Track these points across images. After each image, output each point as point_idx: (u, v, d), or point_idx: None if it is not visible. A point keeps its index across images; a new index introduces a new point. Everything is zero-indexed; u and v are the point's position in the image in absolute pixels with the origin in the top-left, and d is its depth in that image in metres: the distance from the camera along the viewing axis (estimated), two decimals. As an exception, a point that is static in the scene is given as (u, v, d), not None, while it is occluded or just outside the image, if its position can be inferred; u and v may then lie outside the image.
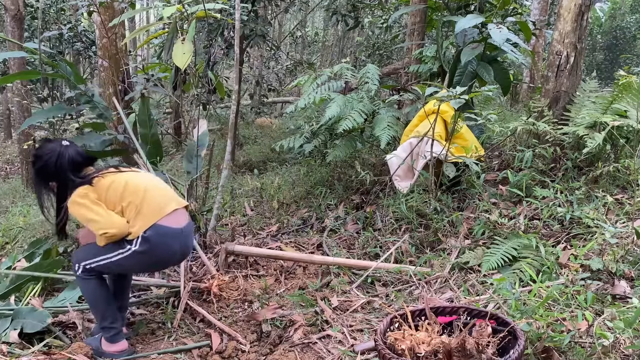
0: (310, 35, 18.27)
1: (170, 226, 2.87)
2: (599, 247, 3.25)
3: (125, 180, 2.92)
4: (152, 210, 2.85)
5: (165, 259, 2.98)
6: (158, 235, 2.83)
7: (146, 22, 15.70)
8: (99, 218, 2.79)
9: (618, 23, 21.15)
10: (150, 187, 2.95)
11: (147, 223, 2.82)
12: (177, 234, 2.91)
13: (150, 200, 2.88)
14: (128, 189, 2.88)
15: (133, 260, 2.85)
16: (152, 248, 2.83)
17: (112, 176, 2.93)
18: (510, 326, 2.21)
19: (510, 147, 4.91)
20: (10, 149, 13.82)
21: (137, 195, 2.87)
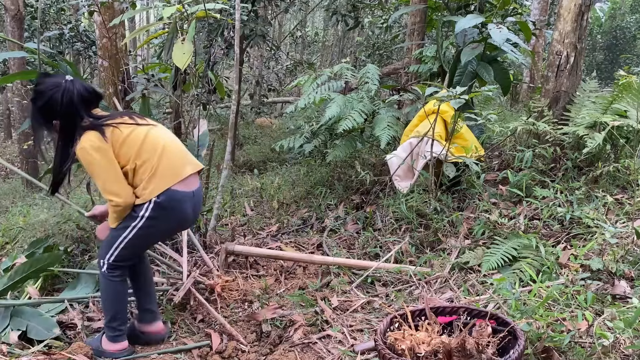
0: (310, 35, 18.27)
1: (183, 190, 2.72)
2: (599, 247, 3.25)
3: (145, 133, 2.70)
4: (167, 172, 2.68)
5: (178, 224, 2.86)
6: (171, 200, 2.68)
7: (146, 22, 15.71)
8: (113, 182, 2.61)
9: (618, 23, 21.14)
10: (168, 144, 2.75)
11: (160, 187, 2.65)
12: (189, 198, 2.76)
13: (167, 160, 2.69)
14: (146, 145, 2.67)
15: (148, 228, 2.70)
16: (164, 213, 2.69)
17: (128, 128, 2.68)
18: (510, 326, 2.21)
19: (510, 147, 4.91)
20: (10, 149, 13.82)
21: (155, 152, 2.67)
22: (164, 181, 2.66)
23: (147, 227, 2.69)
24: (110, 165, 2.60)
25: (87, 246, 4.22)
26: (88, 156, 2.58)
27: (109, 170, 2.60)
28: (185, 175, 2.73)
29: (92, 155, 2.57)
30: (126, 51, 4.74)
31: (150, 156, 2.65)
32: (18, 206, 6.97)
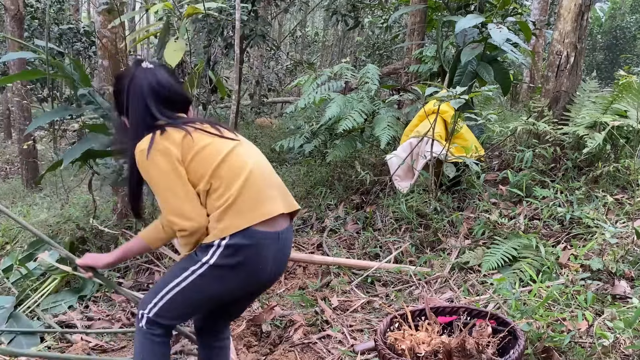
0: (310, 35, 18.27)
1: (267, 231, 2.00)
2: (599, 247, 3.25)
3: (229, 150, 2.03)
4: (251, 205, 1.97)
5: (255, 279, 2.05)
6: (250, 244, 1.96)
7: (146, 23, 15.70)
8: (183, 199, 1.95)
9: (618, 23, 21.14)
10: (256, 169, 2.05)
11: (239, 224, 1.94)
12: (273, 241, 2.03)
13: (253, 190, 2.00)
14: (228, 164, 1.99)
15: (211, 280, 1.98)
16: (237, 262, 1.96)
17: (206, 138, 2.02)
18: (510, 326, 2.21)
19: (510, 147, 4.91)
20: (10, 149, 13.81)
21: (238, 177, 1.98)
22: (245, 216, 1.96)
23: (210, 277, 1.98)
24: (179, 176, 1.96)
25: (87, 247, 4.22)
26: (149, 161, 1.96)
27: (177, 183, 1.95)
28: (274, 214, 2.02)
29: (154, 160, 1.95)
30: (126, 51, 4.73)
31: (231, 181, 1.97)
32: (18, 206, 6.97)
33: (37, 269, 3.79)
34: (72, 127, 5.24)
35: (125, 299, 3.59)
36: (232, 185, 1.96)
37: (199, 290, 2.00)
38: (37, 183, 9.19)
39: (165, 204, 1.96)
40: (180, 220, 1.93)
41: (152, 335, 2.05)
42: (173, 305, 2.02)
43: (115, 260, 2.20)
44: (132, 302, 3.54)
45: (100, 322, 3.33)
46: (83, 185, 6.22)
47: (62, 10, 12.54)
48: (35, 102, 11.21)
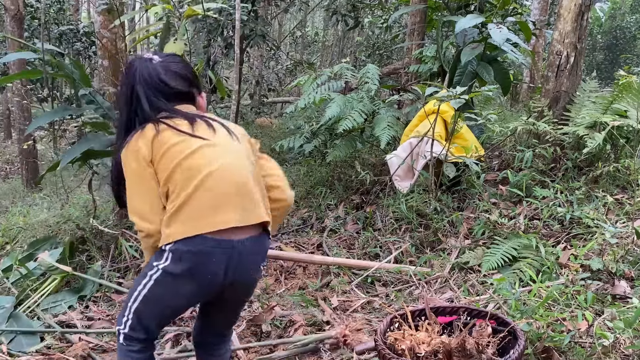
0: (310, 35, 18.27)
1: (218, 238, 1.89)
2: (599, 247, 3.25)
3: (192, 149, 1.93)
4: (200, 213, 1.88)
5: (206, 288, 1.96)
6: (197, 252, 1.88)
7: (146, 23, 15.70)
8: (139, 199, 1.94)
9: (618, 23, 21.14)
10: (219, 172, 1.93)
11: (183, 230, 1.88)
12: (224, 250, 1.90)
13: (205, 196, 1.89)
14: (185, 165, 1.90)
15: (164, 285, 1.93)
16: (186, 268, 1.89)
17: (176, 136, 1.94)
18: (511, 326, 2.21)
19: (510, 147, 4.91)
20: (10, 149, 13.82)
21: (191, 180, 1.89)
22: (190, 225, 1.87)
23: (164, 283, 1.93)
24: (143, 177, 1.93)
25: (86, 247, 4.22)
26: (123, 159, 1.98)
27: (141, 183, 1.94)
28: (223, 227, 1.89)
29: (126, 159, 1.96)
30: (126, 51, 4.73)
31: (182, 185, 1.89)
32: (18, 206, 6.97)
33: (37, 269, 3.78)
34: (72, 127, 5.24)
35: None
36: (182, 191, 1.88)
37: (157, 297, 1.95)
38: (37, 183, 9.20)
39: (129, 203, 1.96)
40: (139, 220, 1.93)
41: (130, 352, 1.99)
42: (140, 315, 1.97)
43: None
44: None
45: (100, 322, 3.33)
46: (83, 186, 6.22)
47: (62, 10, 12.54)
48: (35, 102, 11.21)
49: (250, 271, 2.01)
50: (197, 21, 7.33)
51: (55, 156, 6.56)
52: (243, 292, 2.13)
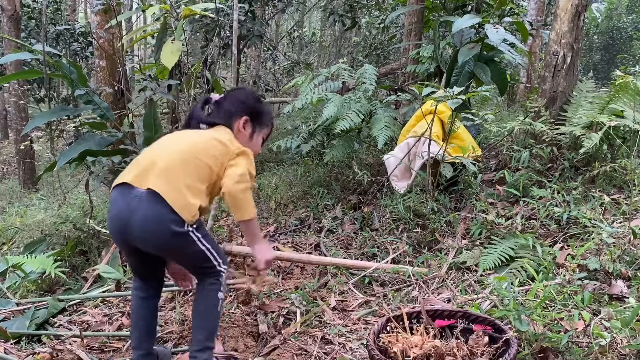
0: (307, 36, 18.27)
1: (120, 189, 2.39)
2: (596, 247, 3.26)
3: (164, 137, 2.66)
4: (127, 168, 2.48)
5: (111, 231, 2.52)
6: (110, 198, 2.46)
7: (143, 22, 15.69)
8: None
9: (614, 23, 21.20)
10: (159, 146, 2.55)
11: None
12: (120, 197, 2.38)
13: (138, 157, 2.55)
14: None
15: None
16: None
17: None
18: (505, 337, 2.21)
19: (507, 147, 4.92)
20: (7, 149, 13.79)
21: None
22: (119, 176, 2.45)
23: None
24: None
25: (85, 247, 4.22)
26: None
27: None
28: (119, 181, 2.40)
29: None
30: (123, 51, 4.73)
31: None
32: (15, 207, 6.96)
33: (33, 272, 3.78)
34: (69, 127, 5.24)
35: (123, 299, 3.59)
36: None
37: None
38: (34, 183, 9.19)
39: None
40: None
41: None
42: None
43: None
44: (129, 303, 3.54)
45: (97, 325, 3.32)
46: (80, 186, 6.21)
47: (59, 10, 12.52)
48: (32, 102, 11.20)
49: (128, 219, 2.34)
50: (194, 21, 7.32)
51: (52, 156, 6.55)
52: (125, 236, 2.42)
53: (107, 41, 4.75)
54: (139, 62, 15.96)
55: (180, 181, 2.35)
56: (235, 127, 2.68)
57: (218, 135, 2.56)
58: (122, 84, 4.79)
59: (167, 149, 2.48)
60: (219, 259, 2.53)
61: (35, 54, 3.97)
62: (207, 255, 2.48)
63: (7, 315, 3.38)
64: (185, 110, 5.61)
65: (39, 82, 11.14)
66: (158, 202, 2.30)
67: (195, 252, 2.45)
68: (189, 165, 2.39)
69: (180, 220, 2.32)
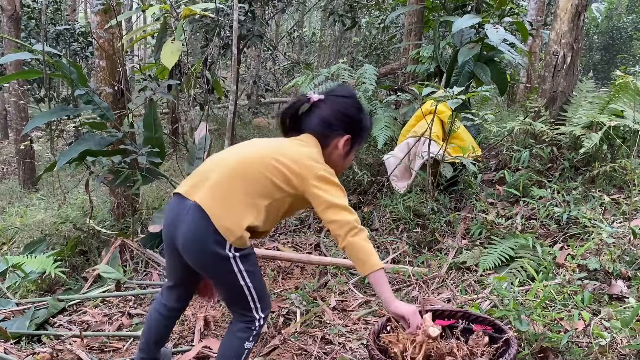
0: (307, 36, 18.26)
1: (178, 198, 2.22)
2: (596, 247, 3.26)
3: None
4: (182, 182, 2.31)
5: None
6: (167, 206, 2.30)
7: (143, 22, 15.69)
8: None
9: (614, 23, 21.20)
10: (213, 158, 2.32)
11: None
12: (175, 206, 2.23)
13: (195, 170, 2.33)
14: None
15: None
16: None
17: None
18: (505, 337, 2.20)
19: (507, 147, 4.92)
20: (7, 149, 13.79)
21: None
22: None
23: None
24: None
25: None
26: None
27: None
28: (184, 191, 2.21)
29: None
30: (123, 51, 4.73)
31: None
32: (15, 207, 6.96)
33: (33, 272, 3.78)
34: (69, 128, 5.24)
35: (123, 299, 3.59)
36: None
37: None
38: (34, 183, 9.19)
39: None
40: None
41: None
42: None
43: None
44: (130, 303, 3.54)
45: (97, 325, 3.32)
46: (80, 186, 6.21)
47: (59, 10, 12.52)
48: (32, 102, 11.20)
49: (178, 229, 2.18)
50: (194, 21, 7.32)
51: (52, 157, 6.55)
52: (177, 246, 2.24)
53: (107, 41, 4.74)
54: (139, 62, 15.96)
55: (231, 197, 2.12)
56: (333, 144, 2.34)
57: (298, 150, 2.25)
58: (122, 84, 4.79)
59: (226, 160, 2.23)
60: (259, 304, 2.24)
61: (35, 54, 3.97)
62: (244, 293, 2.20)
63: (7, 315, 3.38)
64: (186, 110, 5.61)
65: (39, 82, 11.13)
66: (203, 218, 2.10)
67: (232, 285, 2.19)
68: (244, 179, 2.14)
69: (222, 241, 2.10)
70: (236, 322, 2.29)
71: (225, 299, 2.44)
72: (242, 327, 2.25)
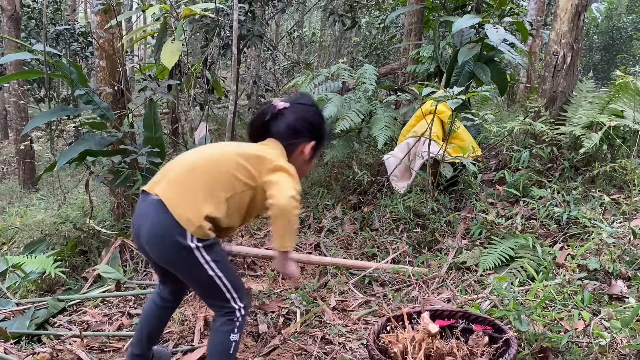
0: (307, 36, 18.26)
1: (144, 196, 2.27)
2: (596, 247, 3.26)
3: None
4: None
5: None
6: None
7: (143, 22, 15.68)
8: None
9: (614, 23, 21.20)
10: (174, 160, 2.36)
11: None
12: (141, 203, 2.28)
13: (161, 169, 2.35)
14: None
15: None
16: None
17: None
18: (505, 337, 2.21)
19: (507, 147, 4.92)
20: (7, 149, 13.79)
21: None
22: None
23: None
24: None
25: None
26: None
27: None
28: (148, 187, 2.26)
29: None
30: (123, 51, 4.73)
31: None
32: (15, 206, 6.96)
33: (33, 272, 3.78)
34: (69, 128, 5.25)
35: (123, 299, 3.59)
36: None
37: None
38: (34, 183, 9.20)
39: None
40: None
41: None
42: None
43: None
44: (130, 303, 3.54)
45: (97, 325, 3.32)
46: (80, 186, 6.21)
47: (59, 10, 12.52)
48: (32, 102, 11.20)
49: (142, 226, 2.21)
50: (194, 21, 7.32)
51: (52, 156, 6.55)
52: (142, 244, 2.28)
53: (107, 41, 4.74)
54: (139, 62, 15.96)
55: (190, 189, 2.16)
56: (299, 149, 2.40)
57: (258, 149, 2.33)
58: (122, 84, 4.79)
59: (188, 158, 2.30)
60: (235, 294, 2.25)
61: (35, 54, 3.97)
62: (216, 284, 2.20)
63: (7, 315, 3.38)
64: (186, 110, 5.61)
65: (39, 82, 11.13)
66: (163, 212, 2.13)
67: (202, 276, 2.19)
68: (205, 173, 2.19)
69: (183, 233, 2.11)
70: (217, 318, 2.29)
71: (200, 295, 2.46)
72: (223, 320, 2.26)
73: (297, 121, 2.40)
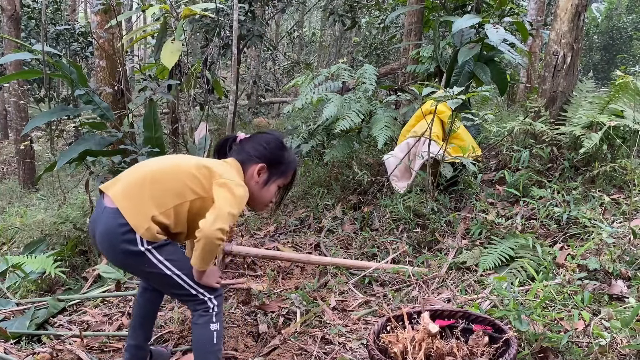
0: (307, 36, 18.27)
1: (100, 201, 2.32)
2: (596, 247, 3.26)
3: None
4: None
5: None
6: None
7: (143, 22, 15.69)
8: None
9: (614, 23, 21.20)
10: (132, 167, 2.44)
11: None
12: (97, 207, 2.35)
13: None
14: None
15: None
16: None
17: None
18: (505, 337, 2.21)
19: (507, 147, 4.92)
20: (7, 149, 13.79)
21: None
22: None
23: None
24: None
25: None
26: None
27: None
28: (104, 186, 2.33)
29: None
30: (123, 51, 4.73)
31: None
32: (15, 206, 6.96)
33: (33, 272, 3.78)
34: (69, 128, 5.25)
35: (123, 299, 3.59)
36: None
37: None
38: (34, 183, 9.20)
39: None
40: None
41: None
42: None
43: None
44: (130, 303, 3.54)
45: (97, 325, 3.32)
46: (80, 186, 6.21)
47: (59, 10, 12.52)
48: (32, 102, 11.20)
49: (96, 229, 2.27)
50: (194, 21, 7.33)
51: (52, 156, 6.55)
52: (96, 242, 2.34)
53: (107, 41, 4.74)
54: (139, 62, 15.96)
55: (140, 192, 2.23)
56: (250, 171, 2.50)
57: (213, 163, 2.42)
58: (122, 84, 4.79)
59: (145, 165, 2.40)
60: (200, 288, 2.30)
61: (35, 54, 3.97)
62: (177, 282, 2.27)
63: (7, 315, 3.38)
64: (186, 110, 5.61)
65: (39, 82, 11.14)
66: (114, 214, 2.19)
67: (160, 276, 2.25)
68: (157, 180, 2.27)
69: (132, 238, 2.17)
70: (193, 313, 2.35)
71: (167, 293, 2.57)
72: (198, 313, 2.32)
73: (252, 146, 2.55)
